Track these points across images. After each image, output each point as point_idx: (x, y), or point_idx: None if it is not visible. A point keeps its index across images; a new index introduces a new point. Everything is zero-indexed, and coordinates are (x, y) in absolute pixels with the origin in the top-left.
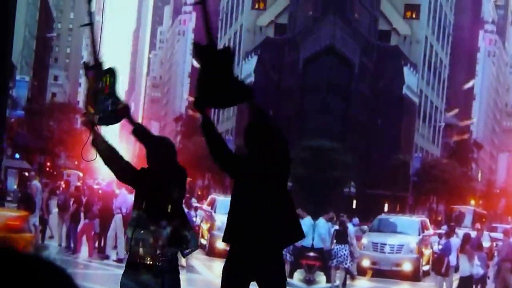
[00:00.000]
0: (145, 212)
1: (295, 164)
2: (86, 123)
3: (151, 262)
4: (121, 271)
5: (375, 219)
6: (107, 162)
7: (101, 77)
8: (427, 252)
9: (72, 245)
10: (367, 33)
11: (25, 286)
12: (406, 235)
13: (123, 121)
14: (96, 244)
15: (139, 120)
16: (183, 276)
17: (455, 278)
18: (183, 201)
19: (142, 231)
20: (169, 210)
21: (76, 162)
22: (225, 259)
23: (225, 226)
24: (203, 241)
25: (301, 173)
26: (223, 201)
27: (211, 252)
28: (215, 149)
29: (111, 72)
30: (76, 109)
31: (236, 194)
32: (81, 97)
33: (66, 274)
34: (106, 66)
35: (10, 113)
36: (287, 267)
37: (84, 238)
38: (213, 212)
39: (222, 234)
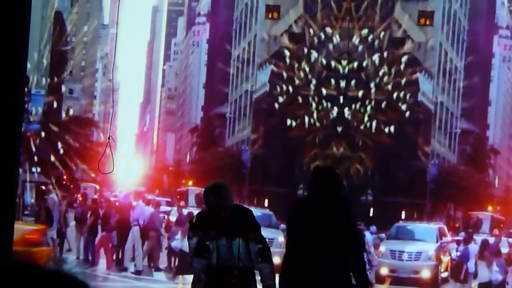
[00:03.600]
0: None
1: (311, 172)
2: None
3: None
4: (140, 283)
5: (393, 226)
6: None
7: None
8: (445, 259)
9: (90, 257)
10: (381, 40)
11: None
12: (424, 242)
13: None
14: (114, 257)
15: (155, 132)
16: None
17: (474, 285)
18: None
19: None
20: None
21: (92, 175)
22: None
23: None
24: None
25: None
26: None
27: None
28: None
29: None
30: (92, 122)
31: None
32: (96, 110)
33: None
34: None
35: (26, 127)
36: None
37: (102, 250)
38: None
39: None
